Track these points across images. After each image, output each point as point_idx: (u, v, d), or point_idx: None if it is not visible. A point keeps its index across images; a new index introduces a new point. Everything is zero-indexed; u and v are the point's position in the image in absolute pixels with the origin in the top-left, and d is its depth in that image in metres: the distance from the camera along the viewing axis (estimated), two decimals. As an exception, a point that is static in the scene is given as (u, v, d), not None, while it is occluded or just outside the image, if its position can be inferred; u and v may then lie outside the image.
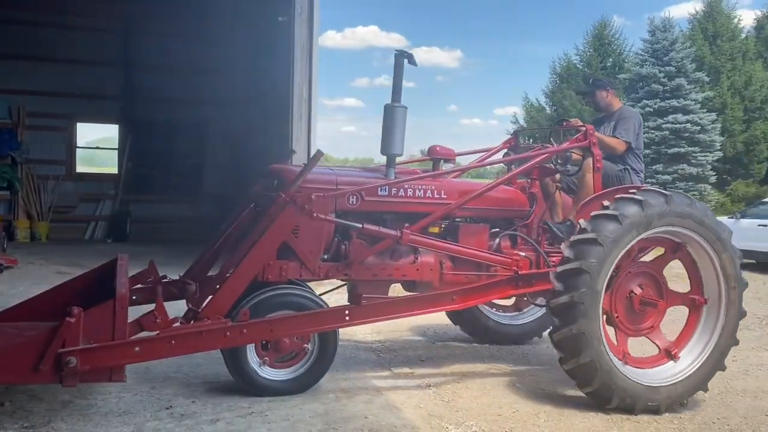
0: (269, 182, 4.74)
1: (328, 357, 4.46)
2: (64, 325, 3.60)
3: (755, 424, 4.43)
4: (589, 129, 5.09)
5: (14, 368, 3.61)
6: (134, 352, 3.83)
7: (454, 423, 4.14)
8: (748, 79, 33.65)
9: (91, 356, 3.67)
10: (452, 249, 4.76)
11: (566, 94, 37.25)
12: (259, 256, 4.23)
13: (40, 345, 3.59)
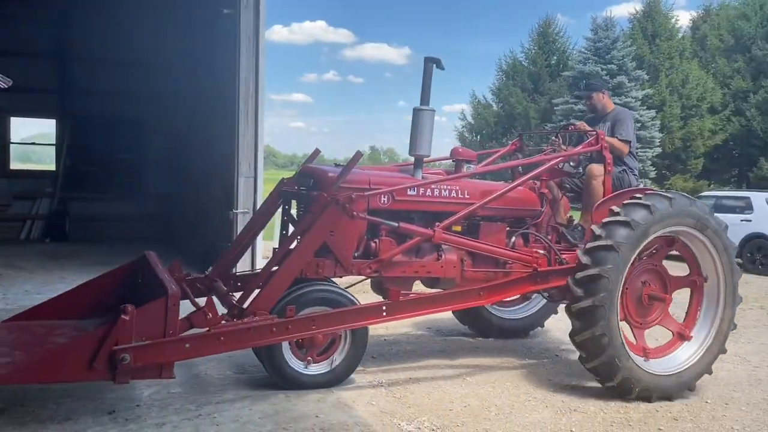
0: (303, 181, 4.89)
1: (360, 350, 4.59)
2: (118, 323, 3.61)
3: (696, 411, 4.58)
4: (600, 134, 5.27)
5: (68, 366, 3.61)
6: (185, 348, 3.88)
7: (406, 419, 4.12)
8: (685, 78, 34.87)
9: (143, 353, 3.70)
10: (481, 247, 4.95)
11: (512, 91, 37.85)
12: (303, 254, 4.36)
13: (94, 343, 3.61)
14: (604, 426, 4.20)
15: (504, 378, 5.08)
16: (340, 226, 4.44)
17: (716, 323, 5.01)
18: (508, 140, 39.21)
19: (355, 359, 4.61)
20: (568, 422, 4.22)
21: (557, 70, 38.17)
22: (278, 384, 4.45)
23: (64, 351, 3.71)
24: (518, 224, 5.38)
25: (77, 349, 3.64)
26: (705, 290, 5.06)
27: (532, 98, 37.45)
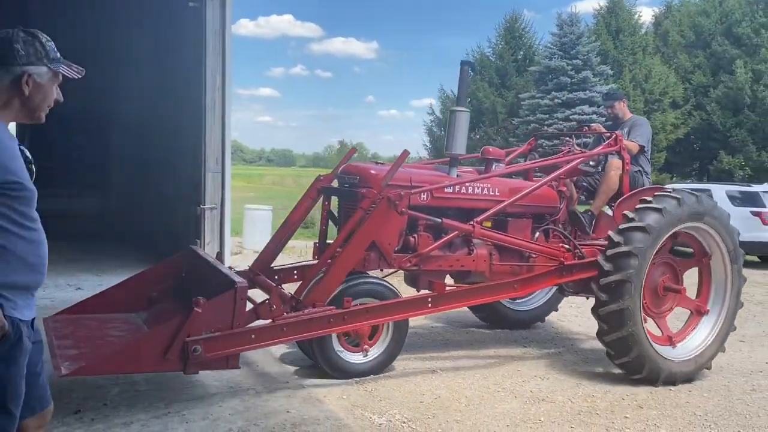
0: (347, 179, 5.15)
1: (401, 339, 4.83)
2: (192, 315, 3.76)
3: (660, 399, 4.69)
4: (619, 136, 5.65)
5: (144, 358, 3.75)
6: (251, 339, 4.05)
7: (378, 412, 4.14)
8: (648, 73, 35.53)
9: (214, 344, 3.85)
10: (516, 242, 5.19)
11: (480, 86, 38.07)
12: (357, 248, 4.56)
13: (169, 334, 3.75)
14: (572, 415, 4.27)
15: (474, 370, 5.13)
16: (387, 222, 4.67)
17: (726, 299, 5.36)
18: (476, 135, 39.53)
19: (397, 348, 4.84)
20: (536, 412, 4.29)
21: (524, 65, 38.54)
22: (327, 374, 4.66)
23: (142, 342, 3.83)
24: (538, 220, 5.62)
25: (154, 341, 3.77)
26: (712, 267, 5.41)
27: (499, 93, 37.77)
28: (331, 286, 4.47)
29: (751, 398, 4.80)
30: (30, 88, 2.15)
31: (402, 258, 4.83)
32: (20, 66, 2.12)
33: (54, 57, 2.21)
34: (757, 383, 5.17)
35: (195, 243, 8.38)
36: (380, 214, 4.59)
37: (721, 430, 4.14)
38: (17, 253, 2.09)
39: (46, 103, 2.23)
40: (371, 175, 4.92)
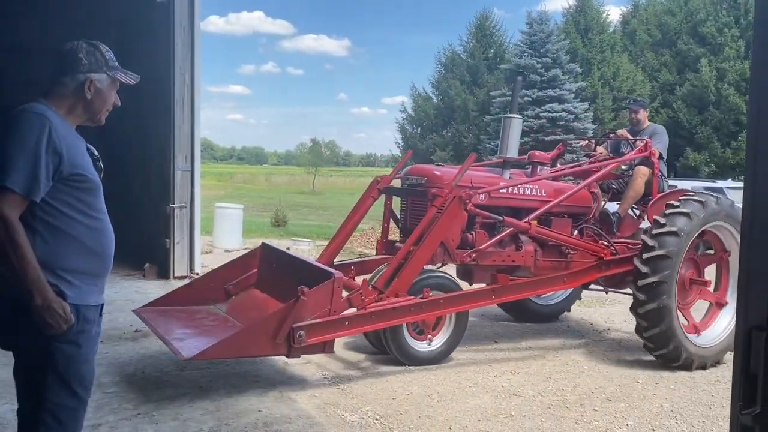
0: (412, 180, 5.53)
1: (462, 329, 5.20)
2: (298, 302, 4.12)
3: (628, 392, 4.77)
4: (649, 143, 6.03)
5: (257, 342, 4.12)
6: (345, 326, 4.42)
7: (350, 410, 4.14)
8: (616, 71, 36.07)
9: (315, 330, 4.22)
10: (565, 239, 5.58)
11: (451, 83, 38.28)
12: (432, 243, 4.89)
13: (278, 321, 4.11)
14: (542, 408, 4.32)
15: (446, 365, 5.16)
16: (455, 220, 5.03)
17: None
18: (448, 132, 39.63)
19: (458, 338, 5.20)
20: (507, 406, 4.33)
21: (495, 63, 38.82)
22: (398, 361, 4.97)
23: (256, 328, 4.17)
24: (575, 219, 5.97)
25: (266, 327, 4.12)
26: (730, 263, 5.79)
27: (470, 91, 37.99)
28: (410, 277, 4.80)
29: (715, 389, 4.91)
30: (92, 93, 2.36)
31: (462, 253, 5.16)
32: (84, 74, 2.34)
33: (113, 65, 2.42)
34: (721, 374, 5.29)
35: (164, 242, 8.28)
36: (451, 212, 4.95)
37: (687, 421, 4.23)
38: (82, 240, 2.26)
39: (105, 107, 2.43)
40: (438, 176, 5.33)
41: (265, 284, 5.06)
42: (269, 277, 5.08)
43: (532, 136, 32.80)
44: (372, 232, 13.16)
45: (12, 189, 2.09)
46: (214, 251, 10.92)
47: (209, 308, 4.95)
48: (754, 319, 1.63)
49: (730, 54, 33.69)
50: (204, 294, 5.01)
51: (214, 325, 4.62)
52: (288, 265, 5.04)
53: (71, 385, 2.25)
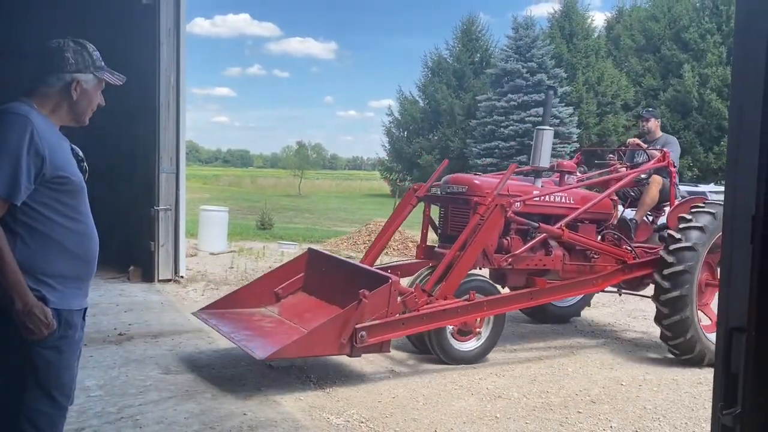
0: (452, 188, 5.78)
1: (500, 329, 5.44)
2: (361, 305, 4.42)
3: (612, 394, 4.80)
4: (667, 153, 6.28)
5: (325, 342, 4.40)
6: (401, 326, 4.71)
7: (335, 413, 4.13)
8: (601, 76, 36.37)
9: (374, 331, 4.52)
10: (595, 245, 5.91)
11: (438, 87, 38.41)
12: (476, 249, 5.15)
13: (343, 322, 4.40)
14: (527, 411, 4.35)
15: (431, 368, 5.17)
16: (496, 227, 5.30)
17: None
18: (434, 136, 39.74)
19: (495, 338, 5.43)
20: (492, 408, 4.34)
21: (480, 68, 39.02)
22: (440, 361, 5.17)
23: (323, 329, 4.40)
24: (597, 225, 6.22)
25: (333, 327, 4.39)
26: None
27: (456, 95, 38.14)
28: (457, 281, 5.06)
29: (697, 390, 4.96)
30: (78, 93, 2.32)
31: (500, 258, 5.40)
32: (70, 74, 2.30)
33: (99, 65, 2.38)
34: (703, 376, 5.34)
35: (149, 245, 8.23)
36: (494, 219, 5.20)
37: (670, 422, 4.27)
38: (64, 244, 2.23)
39: (90, 107, 2.40)
40: (479, 185, 5.60)
41: (314, 287, 5.37)
42: (317, 280, 5.39)
43: (518, 140, 33.03)
44: (358, 236, 13.16)
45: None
46: (199, 254, 10.87)
47: (261, 311, 5.26)
48: (734, 320, 1.66)
49: (713, 60, 34.12)
50: (255, 297, 5.31)
51: (273, 326, 4.95)
52: (338, 269, 5.38)
53: (51, 392, 2.22)
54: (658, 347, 6.20)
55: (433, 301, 4.92)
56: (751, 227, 1.58)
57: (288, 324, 4.98)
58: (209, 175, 61.03)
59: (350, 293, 4.61)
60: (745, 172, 1.59)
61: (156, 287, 7.95)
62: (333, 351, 4.51)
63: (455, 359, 5.22)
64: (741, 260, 1.63)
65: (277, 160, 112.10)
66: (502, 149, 33.21)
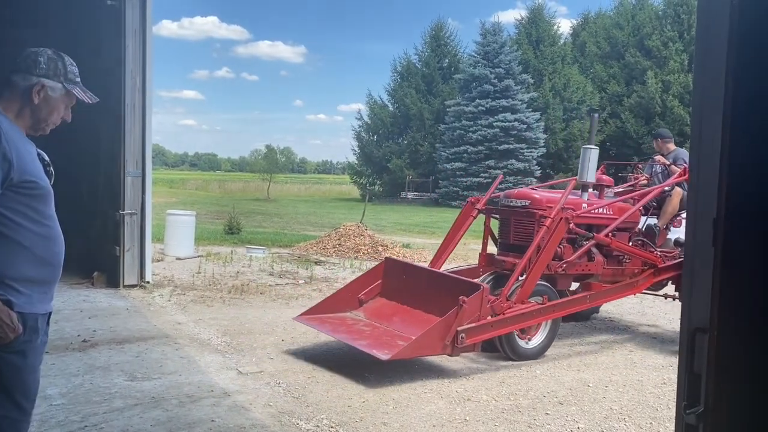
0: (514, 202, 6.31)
1: (556, 329, 5.96)
2: (462, 309, 4.93)
3: (579, 395, 4.87)
4: (686, 168, 6.53)
5: (432, 344, 4.89)
6: (490, 328, 5.19)
7: (305, 418, 4.11)
8: (567, 82, 36.93)
9: (471, 333, 5.02)
10: (635, 252, 6.41)
11: (407, 92, 38.55)
12: (547, 258, 5.65)
13: (448, 325, 4.90)
14: (496, 413, 4.38)
15: (401, 372, 5.17)
16: (561, 237, 5.80)
17: None
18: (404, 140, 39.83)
19: (553, 336, 5.92)
20: (462, 411, 4.36)
21: (449, 73, 39.30)
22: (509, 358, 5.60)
23: (432, 332, 4.87)
24: (628, 232, 6.69)
25: (440, 330, 4.88)
26: None
27: (426, 99, 38.33)
28: (531, 287, 5.55)
29: (662, 391, 5.06)
30: (40, 98, 2.28)
31: (556, 264, 5.89)
32: (37, 76, 2.28)
33: (72, 78, 2.37)
34: (667, 377, 5.45)
35: (114, 250, 8.08)
36: (560, 231, 5.70)
37: (635, 422, 4.34)
38: (31, 248, 2.21)
39: (52, 117, 2.35)
40: (539, 200, 6.15)
41: (393, 293, 5.86)
42: (397, 286, 5.87)
43: (485, 145, 33.32)
44: (328, 240, 13.12)
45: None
46: (166, 259, 10.71)
47: (348, 315, 5.78)
48: (697, 321, 1.69)
49: (675, 67, 34.93)
50: (342, 303, 5.84)
51: (370, 330, 5.44)
52: (420, 276, 5.87)
53: (15, 397, 2.19)
54: (623, 349, 6.31)
55: (512, 305, 5.38)
56: (712, 230, 1.62)
57: (382, 327, 5.48)
58: (176, 179, 60.21)
59: (438, 299, 5.29)
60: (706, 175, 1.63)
61: (121, 293, 7.81)
62: (438, 351, 4.96)
63: (522, 356, 5.67)
64: (703, 262, 1.67)
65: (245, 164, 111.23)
66: (471, 154, 33.48)
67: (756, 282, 1.55)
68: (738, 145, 1.52)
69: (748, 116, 1.48)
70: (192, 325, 6.46)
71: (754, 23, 1.46)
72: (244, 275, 9.54)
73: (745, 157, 1.51)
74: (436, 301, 5.30)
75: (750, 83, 1.48)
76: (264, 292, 8.29)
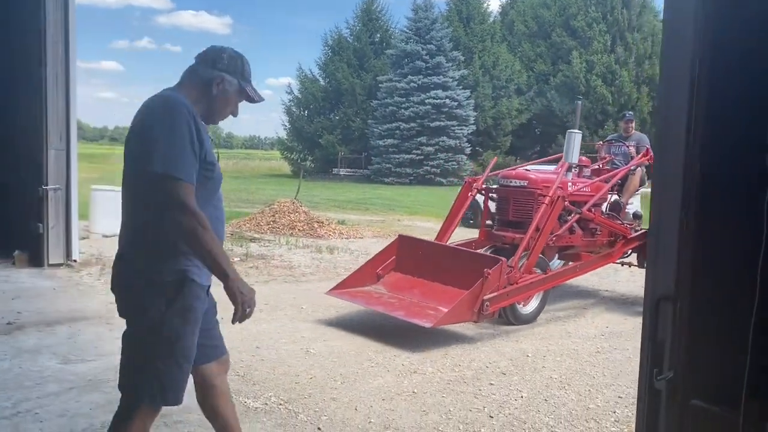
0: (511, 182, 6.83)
1: (546, 297, 6.51)
2: (487, 281, 5.42)
3: (520, 365, 5.01)
4: (649, 150, 7.65)
5: (463, 312, 5.36)
6: (507, 297, 5.69)
7: (252, 396, 4.04)
8: (496, 60, 37.44)
9: (493, 302, 5.49)
10: (611, 224, 7.07)
11: (339, 66, 38.11)
12: (547, 233, 6.15)
13: (476, 295, 5.38)
14: (442, 385, 4.44)
15: (346, 347, 5.17)
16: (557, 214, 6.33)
17: None
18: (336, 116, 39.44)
19: (544, 303, 6.48)
20: (409, 384, 4.40)
21: (381, 48, 39.08)
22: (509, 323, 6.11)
23: (464, 301, 5.32)
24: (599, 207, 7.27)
25: (470, 299, 5.35)
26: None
27: (357, 75, 38.03)
28: (536, 259, 6.09)
29: (596, 359, 5.27)
30: (219, 90, 2.48)
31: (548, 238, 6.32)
32: (219, 71, 2.48)
33: (247, 77, 2.56)
34: (599, 345, 5.68)
35: (37, 227, 7.65)
36: (557, 208, 6.24)
37: (575, 390, 4.50)
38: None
39: (225, 110, 2.55)
40: (535, 180, 6.69)
41: (408, 267, 6.22)
42: (412, 261, 6.23)
43: (417, 122, 33.47)
44: (261, 216, 12.90)
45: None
46: (92, 237, 10.27)
47: (371, 288, 6.14)
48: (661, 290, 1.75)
49: (598, 47, 36.02)
50: (363, 278, 6.18)
51: (397, 301, 5.82)
52: (437, 252, 6.25)
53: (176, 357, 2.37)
54: (557, 320, 6.53)
55: (522, 275, 5.88)
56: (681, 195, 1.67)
57: (406, 299, 5.84)
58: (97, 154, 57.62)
59: (457, 272, 5.75)
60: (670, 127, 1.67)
61: (46, 272, 7.43)
62: (467, 319, 5.47)
63: (521, 320, 6.19)
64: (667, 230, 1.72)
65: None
66: (403, 130, 33.56)
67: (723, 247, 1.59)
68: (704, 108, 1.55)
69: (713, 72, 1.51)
70: (126, 304, 6.22)
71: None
72: (176, 253, 9.26)
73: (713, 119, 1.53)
74: (456, 274, 5.75)
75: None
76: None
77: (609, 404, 4.26)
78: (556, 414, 4.04)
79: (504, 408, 4.10)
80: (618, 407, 4.21)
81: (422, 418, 3.87)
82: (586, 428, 3.85)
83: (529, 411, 4.07)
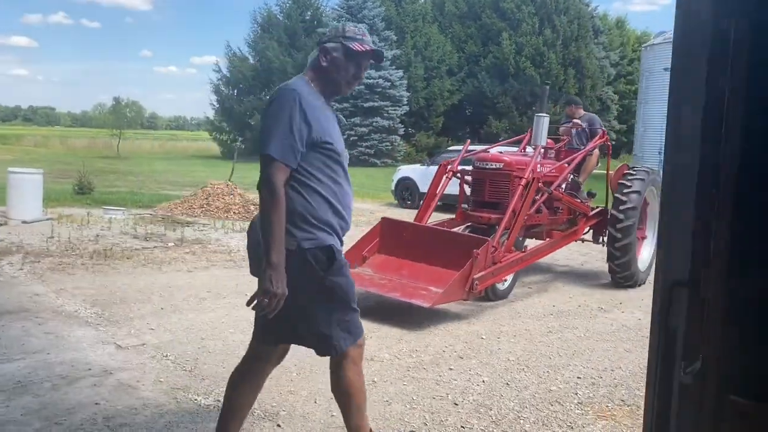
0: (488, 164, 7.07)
1: (519, 273, 6.82)
2: (477, 261, 5.59)
3: (476, 348, 4.94)
4: (604, 131, 8.22)
5: (457, 291, 5.51)
6: (492, 276, 5.89)
7: (203, 393, 3.78)
8: (428, 40, 37.40)
9: (481, 280, 5.66)
10: (575, 203, 7.53)
11: (269, 44, 37.12)
12: (525, 213, 6.42)
13: (467, 274, 5.54)
14: (402, 371, 4.31)
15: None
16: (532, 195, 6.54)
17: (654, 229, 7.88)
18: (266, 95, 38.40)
19: (516, 278, 6.77)
20: (369, 372, 4.21)
21: (312, 26, 38.29)
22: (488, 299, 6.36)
23: (457, 280, 5.47)
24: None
25: (462, 279, 5.51)
26: (648, 210, 7.99)
27: (289, 53, 37.15)
28: (515, 238, 6.36)
29: (549, 339, 5.26)
30: (327, 61, 2.58)
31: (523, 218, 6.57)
32: (322, 44, 2.61)
33: (350, 36, 2.58)
34: (550, 325, 5.69)
35: None
36: (533, 190, 6.46)
37: (534, 372, 4.46)
38: (330, 200, 2.54)
39: (344, 77, 2.60)
40: (510, 162, 6.95)
41: (393, 249, 6.27)
42: (395, 243, 6.28)
43: (351, 102, 33.15)
44: (194, 199, 12.39)
45: None
46: (10, 223, 9.55)
47: (359, 270, 6.01)
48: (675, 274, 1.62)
49: (527, 29, 36.55)
50: (352, 260, 5.88)
51: (386, 281, 5.84)
52: (421, 233, 6.34)
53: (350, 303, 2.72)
54: (504, 301, 6.50)
55: (504, 254, 6.07)
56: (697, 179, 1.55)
57: (395, 280, 5.85)
58: (9, 135, 54.33)
59: (444, 252, 5.89)
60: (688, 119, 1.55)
61: (-40, 263, 6.82)
62: (459, 297, 5.63)
63: (499, 296, 6.46)
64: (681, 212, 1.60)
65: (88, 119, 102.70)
66: (337, 110, 33.12)
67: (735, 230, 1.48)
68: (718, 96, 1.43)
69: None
70: (53, 296, 5.77)
71: None
72: (105, 239, 8.73)
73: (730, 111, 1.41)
74: (442, 255, 5.88)
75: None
76: (131, 257, 7.62)
77: (570, 385, 4.24)
78: (520, 398, 3.98)
79: (467, 394, 3.99)
80: (579, 388, 4.19)
81: (386, 408, 3.72)
82: (552, 411, 3.80)
83: (493, 396, 3.98)
